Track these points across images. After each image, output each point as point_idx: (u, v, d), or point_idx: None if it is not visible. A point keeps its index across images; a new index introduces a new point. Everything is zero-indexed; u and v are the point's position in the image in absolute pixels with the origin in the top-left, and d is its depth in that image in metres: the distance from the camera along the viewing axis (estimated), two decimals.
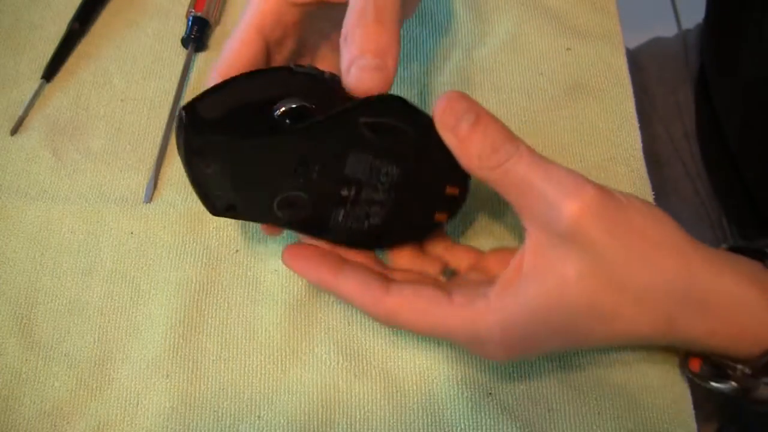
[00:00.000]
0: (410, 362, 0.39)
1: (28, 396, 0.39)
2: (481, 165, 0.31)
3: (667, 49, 0.64)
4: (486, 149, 0.30)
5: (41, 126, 0.47)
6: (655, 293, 0.31)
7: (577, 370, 0.39)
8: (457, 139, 0.31)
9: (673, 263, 0.31)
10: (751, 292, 0.32)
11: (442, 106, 0.31)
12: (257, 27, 0.34)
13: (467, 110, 0.30)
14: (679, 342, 0.33)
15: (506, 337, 0.32)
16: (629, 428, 0.37)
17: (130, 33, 0.51)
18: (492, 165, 0.30)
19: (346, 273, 0.34)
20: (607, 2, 0.51)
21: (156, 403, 0.38)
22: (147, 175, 0.45)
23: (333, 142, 0.32)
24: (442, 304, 0.32)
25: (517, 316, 0.31)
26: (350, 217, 0.35)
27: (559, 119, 0.46)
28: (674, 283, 0.31)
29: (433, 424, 0.37)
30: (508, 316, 0.31)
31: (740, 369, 0.33)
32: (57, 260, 0.42)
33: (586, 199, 0.29)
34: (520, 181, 0.30)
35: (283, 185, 0.33)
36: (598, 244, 0.30)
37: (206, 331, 0.40)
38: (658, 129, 0.60)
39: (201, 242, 0.42)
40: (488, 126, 0.30)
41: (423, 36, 0.50)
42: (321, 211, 0.34)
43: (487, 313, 0.31)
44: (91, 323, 0.40)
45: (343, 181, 0.33)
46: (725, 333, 0.32)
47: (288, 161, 0.32)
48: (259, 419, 0.38)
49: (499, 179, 0.31)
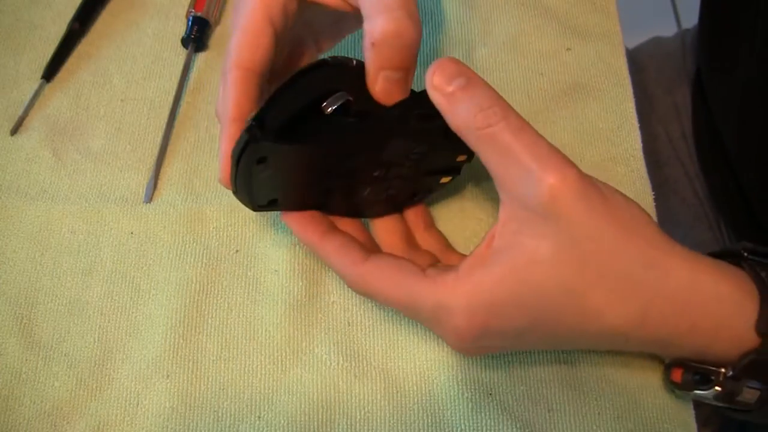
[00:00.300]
0: (410, 362, 0.39)
1: (28, 396, 0.39)
2: (468, 125, 0.30)
3: (665, 49, 0.64)
4: (473, 109, 0.30)
5: (41, 126, 0.47)
6: (629, 283, 0.30)
7: (578, 370, 0.39)
8: (445, 98, 0.31)
9: (649, 256, 0.31)
10: (728, 288, 0.32)
11: (433, 68, 0.31)
12: (267, 16, 0.34)
13: (458, 73, 0.30)
14: (655, 341, 0.33)
15: (471, 307, 0.31)
16: (629, 428, 0.37)
17: (130, 33, 0.51)
18: (478, 125, 0.30)
19: (331, 236, 0.36)
20: (607, 2, 0.51)
21: (156, 404, 0.38)
22: (147, 175, 0.45)
23: (380, 132, 0.33)
24: (415, 275, 0.33)
25: (484, 285, 0.31)
26: (373, 192, 0.37)
27: (559, 119, 0.46)
28: (649, 274, 0.31)
29: (434, 425, 0.37)
30: (474, 286, 0.31)
31: (722, 372, 0.33)
32: (57, 260, 0.42)
33: (567, 178, 0.29)
34: (504, 147, 0.30)
35: (329, 177, 0.35)
36: (574, 223, 0.29)
37: (206, 331, 0.40)
38: (657, 129, 0.60)
39: (201, 242, 0.42)
40: (477, 88, 0.30)
41: (423, 36, 0.50)
42: (352, 192, 0.36)
43: (455, 283, 0.31)
44: (91, 323, 0.40)
45: (380, 165, 0.35)
46: (702, 329, 0.32)
47: (337, 156, 0.34)
48: (260, 419, 0.38)
49: (484, 143, 0.30)
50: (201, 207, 0.43)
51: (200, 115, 0.47)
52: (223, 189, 0.44)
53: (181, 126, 0.47)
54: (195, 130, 0.46)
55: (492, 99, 0.30)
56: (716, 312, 0.32)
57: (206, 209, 0.43)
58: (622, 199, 0.31)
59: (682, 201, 0.58)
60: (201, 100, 0.48)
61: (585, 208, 0.29)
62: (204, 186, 0.44)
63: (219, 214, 0.43)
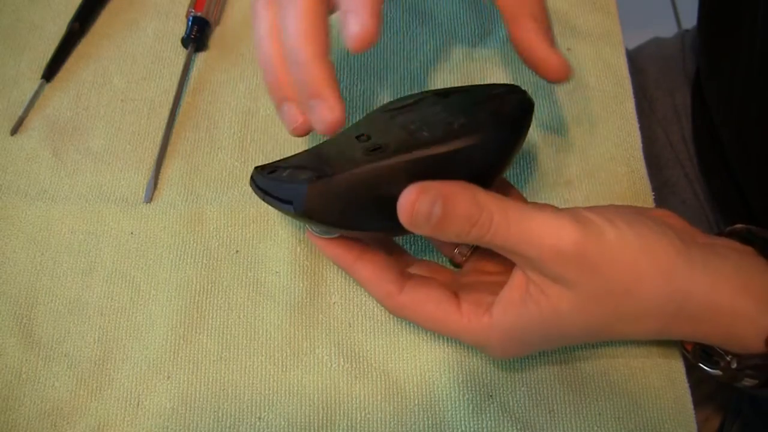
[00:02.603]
0: (411, 364, 0.39)
1: (28, 396, 0.38)
2: (462, 239, 0.32)
3: (665, 51, 0.64)
4: (464, 228, 0.31)
5: (41, 126, 0.46)
6: (647, 317, 0.33)
7: (578, 372, 0.39)
8: (432, 231, 0.31)
9: (665, 290, 0.32)
10: (747, 303, 0.33)
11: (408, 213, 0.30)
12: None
13: (431, 202, 0.30)
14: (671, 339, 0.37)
15: (505, 348, 0.35)
16: (630, 429, 0.37)
17: (130, 33, 0.50)
18: (473, 239, 0.31)
19: (365, 258, 0.36)
20: (607, 2, 0.51)
21: (156, 404, 0.38)
22: (147, 175, 0.45)
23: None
24: (450, 313, 0.34)
25: (516, 332, 0.34)
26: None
27: (560, 119, 0.46)
28: (666, 307, 0.33)
29: (434, 426, 0.37)
30: (508, 332, 0.34)
31: (728, 360, 0.35)
32: (57, 260, 0.42)
33: (565, 249, 0.31)
34: (500, 246, 0.32)
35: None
36: (584, 284, 0.32)
37: (207, 331, 0.40)
38: (657, 131, 0.60)
39: (201, 242, 0.42)
40: (458, 207, 0.31)
41: (423, 36, 0.50)
42: None
43: (490, 328, 0.34)
44: (91, 323, 0.40)
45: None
46: (715, 338, 0.34)
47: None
48: (260, 420, 0.38)
49: (483, 245, 0.32)
50: (201, 207, 0.43)
51: (200, 115, 0.47)
52: (223, 189, 0.44)
53: (181, 126, 0.46)
54: (195, 130, 0.46)
55: (477, 208, 0.31)
56: (729, 328, 0.33)
57: (206, 209, 0.43)
58: (630, 236, 0.32)
59: (682, 203, 0.58)
60: (201, 100, 0.48)
61: (590, 268, 0.32)
62: (204, 186, 0.44)
63: (219, 215, 0.43)
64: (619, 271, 0.32)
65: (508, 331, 0.34)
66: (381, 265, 0.35)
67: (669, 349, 0.39)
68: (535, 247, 0.31)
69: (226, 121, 0.47)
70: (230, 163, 0.45)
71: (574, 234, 0.31)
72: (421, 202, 0.30)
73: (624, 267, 0.32)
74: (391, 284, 0.35)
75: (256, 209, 0.43)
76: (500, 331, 0.34)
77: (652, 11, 1.38)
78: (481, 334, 0.34)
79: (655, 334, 0.34)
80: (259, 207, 0.43)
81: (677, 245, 0.33)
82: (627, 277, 0.32)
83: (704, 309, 0.33)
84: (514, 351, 0.35)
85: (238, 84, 0.48)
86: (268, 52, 0.34)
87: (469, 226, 0.31)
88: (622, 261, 0.32)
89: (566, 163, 0.44)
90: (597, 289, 0.32)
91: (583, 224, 0.31)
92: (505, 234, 0.31)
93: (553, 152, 0.45)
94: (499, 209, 0.31)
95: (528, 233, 0.31)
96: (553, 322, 0.33)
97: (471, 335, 0.34)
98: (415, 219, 0.30)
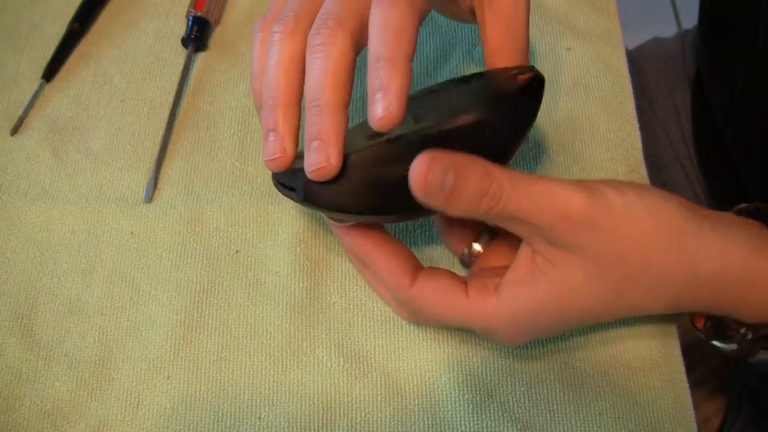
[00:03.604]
0: (411, 364, 0.39)
1: (28, 396, 0.38)
2: (472, 213, 0.31)
3: (665, 51, 0.64)
4: (474, 199, 0.31)
5: (41, 126, 0.46)
6: (661, 283, 0.33)
7: (578, 372, 0.39)
8: (443, 202, 0.31)
9: (676, 254, 0.32)
10: (759, 265, 0.33)
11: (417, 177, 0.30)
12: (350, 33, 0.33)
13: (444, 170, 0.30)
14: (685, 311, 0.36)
15: (516, 329, 0.34)
16: (630, 429, 0.37)
17: (130, 33, 0.50)
18: (483, 210, 0.31)
19: (383, 248, 0.36)
20: (607, 2, 0.51)
21: (156, 404, 0.38)
22: (147, 175, 0.45)
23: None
24: (460, 300, 0.34)
25: (526, 312, 0.33)
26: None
27: (559, 119, 0.46)
28: (678, 273, 0.32)
29: (434, 426, 0.37)
30: (517, 313, 0.33)
31: (743, 333, 0.35)
32: (57, 260, 0.42)
33: (574, 215, 0.31)
34: (510, 217, 0.31)
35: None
36: (595, 250, 0.32)
37: (207, 331, 0.40)
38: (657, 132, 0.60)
39: (201, 242, 0.42)
40: (470, 178, 0.30)
41: (423, 36, 0.50)
42: None
43: (498, 309, 0.34)
44: (91, 323, 0.40)
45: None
46: (730, 306, 0.34)
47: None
48: (260, 420, 0.38)
49: (492, 218, 0.32)
50: (201, 207, 0.43)
51: (200, 115, 0.47)
52: (223, 189, 0.44)
53: (181, 126, 0.46)
54: (195, 130, 0.46)
55: (487, 179, 0.30)
56: (745, 293, 0.33)
57: (206, 209, 0.43)
58: (637, 204, 0.32)
59: None
60: (201, 100, 0.48)
61: (600, 236, 0.31)
62: (204, 186, 0.44)
63: (219, 215, 0.43)
64: (630, 235, 0.32)
65: (518, 311, 0.33)
66: (397, 255, 0.35)
67: (669, 350, 0.39)
68: (546, 214, 0.31)
69: (226, 121, 0.47)
70: (230, 163, 0.45)
71: (584, 199, 0.31)
72: (434, 171, 0.30)
73: (634, 231, 0.32)
74: (404, 277, 0.35)
75: (256, 209, 0.43)
76: (509, 312, 0.33)
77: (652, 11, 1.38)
78: (490, 317, 0.34)
79: (670, 306, 0.34)
80: (259, 207, 0.43)
81: (685, 212, 0.33)
82: (638, 241, 0.32)
83: (717, 273, 0.32)
84: (525, 334, 0.35)
85: (238, 84, 0.48)
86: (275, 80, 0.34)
87: (480, 196, 0.30)
88: (632, 225, 0.32)
89: (566, 164, 0.44)
90: (609, 254, 0.32)
91: (591, 191, 0.31)
92: (516, 204, 0.31)
93: (553, 152, 0.45)
94: (508, 180, 0.31)
95: (538, 201, 0.31)
96: (566, 295, 0.33)
97: (479, 319, 0.34)
98: (429, 188, 0.30)
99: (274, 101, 0.34)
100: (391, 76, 0.31)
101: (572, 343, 0.39)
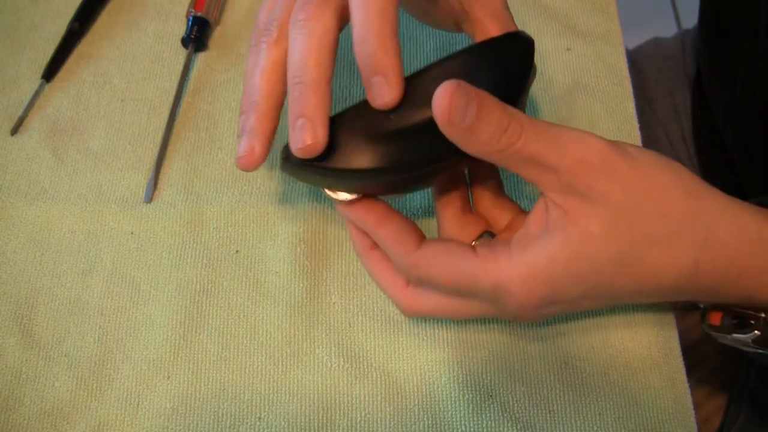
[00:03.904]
0: (411, 364, 0.39)
1: (28, 396, 0.39)
2: (491, 149, 0.31)
3: (665, 51, 0.64)
4: (494, 134, 0.30)
5: (41, 126, 0.47)
6: (679, 239, 0.32)
7: (578, 372, 0.39)
8: (462, 133, 0.30)
9: (694, 209, 0.32)
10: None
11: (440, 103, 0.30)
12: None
13: (467, 102, 0.30)
14: (705, 290, 0.33)
15: (528, 286, 0.32)
16: (630, 429, 0.37)
17: (130, 33, 0.51)
18: (501, 147, 0.30)
19: (388, 219, 0.35)
20: (607, 2, 0.51)
21: (156, 404, 0.38)
22: (147, 175, 0.45)
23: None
24: (467, 257, 0.33)
25: (539, 264, 0.32)
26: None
27: (559, 119, 0.46)
28: (697, 227, 0.32)
29: (434, 426, 0.37)
30: (530, 266, 0.32)
31: (762, 317, 0.34)
32: (57, 260, 0.42)
33: (593, 160, 0.31)
34: (529, 158, 0.31)
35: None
36: (613, 199, 0.31)
37: (207, 331, 0.40)
38: (658, 132, 0.60)
39: (201, 242, 0.42)
40: (492, 113, 0.30)
41: (423, 36, 0.50)
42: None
43: (509, 263, 0.32)
44: (91, 323, 0.40)
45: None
46: (749, 275, 0.33)
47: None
48: (260, 420, 0.38)
49: (510, 158, 0.31)
50: (201, 207, 0.43)
51: (200, 115, 0.47)
52: (223, 189, 0.44)
53: (181, 126, 0.47)
54: (195, 130, 0.46)
55: (507, 115, 0.30)
56: (762, 255, 0.32)
57: (206, 209, 0.43)
58: (653, 156, 0.32)
59: None
60: (201, 100, 0.48)
61: (619, 180, 0.31)
62: (204, 186, 0.44)
63: (219, 215, 0.43)
64: (647, 187, 0.31)
65: (530, 267, 0.32)
66: (403, 225, 0.35)
67: (669, 350, 0.39)
68: (565, 157, 0.30)
69: (226, 121, 0.47)
70: (230, 163, 0.45)
71: (604, 145, 0.31)
72: (459, 98, 0.29)
73: (651, 182, 0.31)
74: (410, 243, 0.34)
75: (256, 209, 0.43)
76: (522, 270, 0.32)
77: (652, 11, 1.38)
78: (501, 274, 0.32)
79: (690, 271, 0.32)
80: (259, 207, 0.43)
81: (698, 177, 0.33)
82: (655, 192, 0.31)
83: (734, 234, 0.32)
84: (535, 300, 0.32)
85: (238, 84, 0.48)
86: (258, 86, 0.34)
87: (501, 132, 0.30)
88: (650, 177, 0.31)
89: None
90: (626, 204, 0.31)
91: (611, 141, 0.31)
92: (534, 144, 0.30)
93: None
94: (528, 120, 0.31)
95: (557, 144, 0.30)
96: (583, 249, 0.31)
97: (489, 279, 0.32)
98: (453, 115, 0.29)
99: (255, 106, 0.34)
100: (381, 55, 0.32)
101: (572, 343, 0.39)
